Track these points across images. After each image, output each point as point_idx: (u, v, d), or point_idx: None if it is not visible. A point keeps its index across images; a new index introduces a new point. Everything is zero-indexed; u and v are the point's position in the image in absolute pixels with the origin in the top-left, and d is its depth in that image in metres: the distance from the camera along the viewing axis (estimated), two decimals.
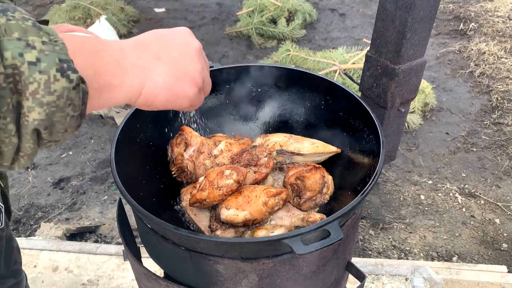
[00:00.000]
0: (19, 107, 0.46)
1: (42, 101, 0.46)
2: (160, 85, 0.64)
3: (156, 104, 0.66)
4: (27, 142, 0.48)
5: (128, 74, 0.60)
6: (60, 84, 0.47)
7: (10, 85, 0.44)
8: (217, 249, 0.89)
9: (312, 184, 1.08)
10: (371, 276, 2.04)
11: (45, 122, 0.48)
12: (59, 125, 0.50)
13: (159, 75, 0.64)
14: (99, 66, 0.55)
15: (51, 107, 0.47)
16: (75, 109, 0.50)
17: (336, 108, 1.24)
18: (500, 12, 4.63)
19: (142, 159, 1.15)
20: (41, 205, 2.70)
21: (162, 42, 0.67)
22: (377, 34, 1.33)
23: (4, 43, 0.43)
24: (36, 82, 0.45)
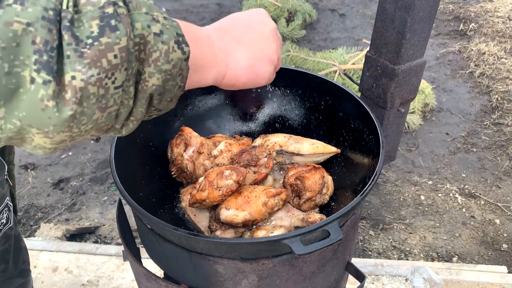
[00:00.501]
0: (138, 75, 0.52)
1: (161, 68, 0.53)
2: (242, 66, 0.71)
3: (238, 83, 0.73)
4: (140, 107, 0.54)
5: (217, 58, 0.67)
6: (176, 55, 0.54)
7: (136, 52, 0.50)
8: (217, 249, 0.89)
9: (311, 185, 1.08)
10: (371, 277, 2.04)
11: (160, 88, 0.54)
12: (168, 93, 0.56)
13: (241, 57, 0.71)
14: (195, 50, 0.61)
15: (167, 75, 0.54)
16: (182, 80, 0.57)
17: (336, 109, 1.24)
18: (500, 12, 4.63)
19: (141, 159, 1.15)
20: (41, 205, 2.70)
21: (241, 26, 0.74)
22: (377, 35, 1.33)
23: (135, 15, 0.50)
24: (158, 51, 0.52)
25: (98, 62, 0.46)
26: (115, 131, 0.56)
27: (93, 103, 0.48)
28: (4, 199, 1.08)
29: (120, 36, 0.47)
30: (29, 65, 0.43)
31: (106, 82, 0.47)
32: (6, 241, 1.13)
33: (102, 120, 0.51)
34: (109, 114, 0.51)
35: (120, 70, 0.48)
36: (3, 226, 1.09)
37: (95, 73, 0.46)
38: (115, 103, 0.50)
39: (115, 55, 0.47)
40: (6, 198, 1.09)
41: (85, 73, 0.45)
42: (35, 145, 0.50)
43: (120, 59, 0.48)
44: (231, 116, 1.35)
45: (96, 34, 0.46)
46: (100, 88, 0.47)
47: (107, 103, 0.49)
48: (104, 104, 0.49)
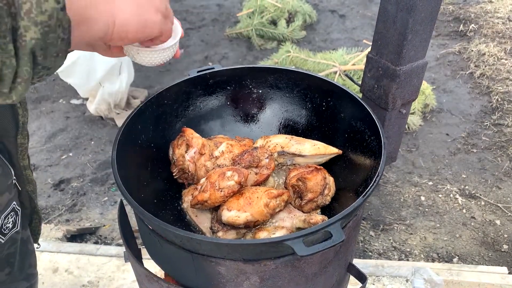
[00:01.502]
0: (14, 31, 0.50)
1: (36, 20, 0.50)
2: (129, 14, 0.68)
3: (130, 35, 0.70)
4: (25, 65, 0.52)
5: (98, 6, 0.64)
6: (50, 5, 0.51)
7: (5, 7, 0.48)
8: (219, 250, 0.89)
9: (313, 186, 1.08)
10: (372, 278, 2.04)
11: (40, 42, 0.52)
12: (52, 47, 0.54)
13: (126, 5, 0.68)
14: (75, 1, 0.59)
15: (45, 27, 0.51)
16: (64, 32, 0.54)
17: (337, 110, 1.24)
18: (500, 13, 4.63)
19: (143, 160, 1.15)
20: (42, 206, 2.70)
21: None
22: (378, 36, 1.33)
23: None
24: (29, 2, 0.49)
25: None
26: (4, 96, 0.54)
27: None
28: (11, 204, 1.07)
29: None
30: None
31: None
32: (12, 244, 1.12)
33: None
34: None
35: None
36: (9, 230, 1.09)
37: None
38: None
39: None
40: (13, 202, 1.08)
41: None
42: None
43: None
44: (233, 117, 1.35)
45: None
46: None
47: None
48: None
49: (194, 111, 1.30)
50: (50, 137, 3.27)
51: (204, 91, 1.30)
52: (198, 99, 1.30)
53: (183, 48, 4.32)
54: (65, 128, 3.35)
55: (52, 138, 3.27)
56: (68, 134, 3.29)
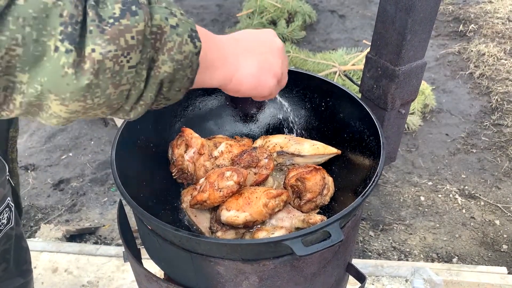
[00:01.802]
0: (152, 62, 0.57)
1: (174, 57, 0.58)
2: (249, 72, 0.77)
3: (243, 89, 0.78)
4: (150, 92, 0.59)
5: (227, 60, 0.73)
6: (189, 48, 0.59)
7: (152, 40, 0.55)
8: (218, 250, 0.89)
9: (312, 186, 1.08)
10: (371, 278, 2.04)
11: (170, 76, 0.59)
12: (178, 82, 0.61)
13: (249, 64, 0.77)
14: (208, 50, 0.67)
15: (178, 64, 0.58)
16: (192, 72, 0.62)
17: (336, 110, 1.24)
18: (500, 13, 4.64)
19: (142, 160, 1.15)
20: (41, 206, 2.70)
21: (252, 39, 0.81)
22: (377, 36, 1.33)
23: (155, 8, 0.56)
24: (173, 41, 0.57)
25: (116, 40, 0.51)
26: (124, 113, 0.60)
27: (108, 77, 0.52)
28: (5, 200, 1.08)
29: (139, 20, 0.52)
30: (54, 35, 0.48)
31: (121, 59, 0.52)
32: (7, 241, 1.13)
33: (114, 97, 0.55)
34: (121, 92, 0.55)
35: (136, 52, 0.53)
36: (3, 226, 1.10)
37: (112, 49, 0.51)
38: (128, 82, 0.55)
39: (132, 36, 0.52)
40: (7, 198, 1.09)
41: (104, 48, 0.50)
42: (51, 113, 0.54)
43: (137, 41, 0.53)
44: (232, 117, 1.35)
45: (117, 15, 0.51)
46: (116, 64, 0.52)
47: (121, 80, 0.54)
48: (118, 80, 0.53)
49: (193, 111, 1.30)
50: (50, 137, 3.27)
51: (203, 91, 1.30)
52: (198, 99, 1.30)
53: None
54: (65, 128, 3.35)
55: (52, 138, 3.27)
56: (68, 134, 3.30)
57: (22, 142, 3.21)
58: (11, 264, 1.18)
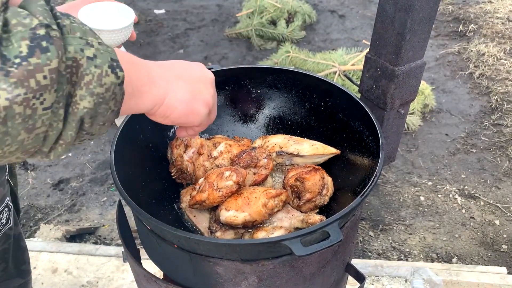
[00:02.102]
0: (69, 98, 0.52)
1: (93, 91, 0.53)
2: (180, 98, 0.73)
3: (173, 116, 0.73)
4: (70, 130, 0.54)
5: (155, 84, 0.68)
6: (110, 79, 0.54)
7: (67, 75, 0.50)
8: (217, 250, 0.89)
9: (311, 186, 1.08)
10: (371, 278, 2.04)
11: (91, 111, 0.54)
12: (101, 117, 0.56)
13: (180, 90, 0.73)
14: (133, 74, 0.63)
15: (99, 98, 0.54)
16: (116, 104, 0.57)
17: (335, 110, 1.24)
18: (500, 13, 4.64)
19: (141, 160, 1.15)
20: (41, 206, 2.70)
21: (183, 67, 0.78)
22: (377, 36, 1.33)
23: (68, 39, 0.51)
24: (91, 74, 0.52)
25: (25, 82, 0.46)
26: (42, 155, 0.55)
27: (18, 123, 0.47)
28: (5, 199, 1.08)
29: (51, 57, 0.47)
30: None
31: (33, 102, 0.47)
32: (5, 240, 1.14)
33: (29, 142, 0.50)
34: (36, 136, 0.50)
35: (50, 91, 0.48)
36: (3, 226, 1.10)
37: (21, 93, 0.46)
38: (43, 125, 0.50)
39: (44, 76, 0.47)
40: (6, 198, 1.09)
41: (10, 92, 0.45)
42: None
43: (50, 80, 0.47)
44: (231, 117, 1.35)
45: (25, 54, 0.46)
46: (27, 108, 0.47)
47: (35, 124, 0.49)
48: (31, 125, 0.48)
49: None
50: None
51: None
52: None
53: (183, 48, 4.32)
54: None
55: None
56: None
57: None
58: (10, 264, 1.19)
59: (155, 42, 4.42)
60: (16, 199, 1.21)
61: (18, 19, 0.47)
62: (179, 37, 4.50)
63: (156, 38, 4.48)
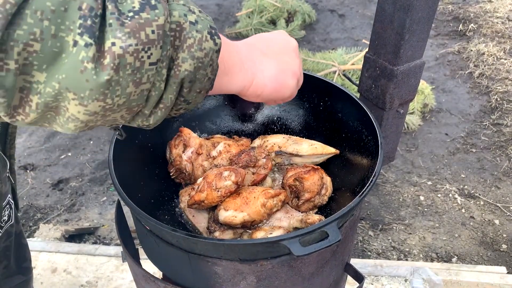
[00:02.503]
0: (171, 61, 0.55)
1: (194, 54, 0.56)
2: (268, 75, 0.75)
3: (264, 93, 0.76)
4: (171, 93, 0.57)
5: (244, 66, 0.71)
6: (209, 44, 0.57)
7: (171, 38, 0.54)
8: (215, 250, 0.89)
9: (310, 186, 1.08)
10: (371, 277, 2.04)
11: (191, 74, 0.57)
12: (198, 83, 0.59)
13: (267, 68, 0.75)
14: (225, 54, 0.65)
15: (199, 62, 0.57)
16: (212, 72, 0.60)
17: (334, 109, 1.23)
18: (499, 13, 4.63)
19: (140, 160, 1.15)
20: (40, 206, 2.70)
21: (266, 41, 0.79)
22: (376, 36, 1.33)
23: (173, 5, 0.55)
24: (193, 38, 0.55)
25: (137, 34, 0.49)
26: (143, 117, 0.58)
27: (128, 74, 0.50)
28: (6, 197, 1.09)
29: (159, 14, 0.51)
30: (73, 30, 0.46)
31: (142, 55, 0.50)
32: (7, 238, 1.14)
33: (134, 98, 0.53)
34: (141, 92, 0.53)
35: (156, 47, 0.51)
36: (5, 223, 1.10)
37: (133, 43, 0.49)
38: (148, 81, 0.53)
39: (152, 30, 0.50)
40: (8, 195, 1.10)
41: (124, 41, 0.49)
42: (68, 117, 0.51)
43: (157, 35, 0.51)
44: (230, 116, 1.35)
45: (137, 8, 0.50)
46: (137, 60, 0.50)
47: (141, 78, 0.52)
48: (138, 78, 0.52)
49: (191, 110, 1.30)
50: (49, 137, 3.27)
51: None
52: None
53: None
54: None
55: (51, 137, 3.27)
56: (67, 134, 3.29)
57: (21, 141, 3.20)
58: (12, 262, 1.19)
59: None
60: (15, 196, 1.21)
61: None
62: None
63: None
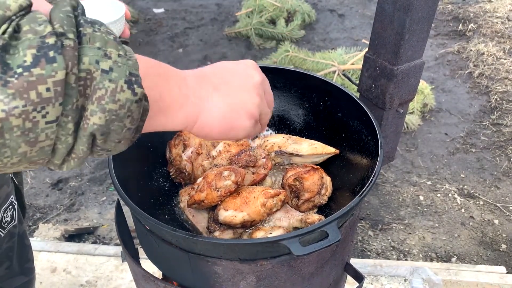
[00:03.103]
0: (82, 111, 0.49)
1: (105, 107, 0.49)
2: (216, 116, 0.67)
3: (211, 134, 0.68)
4: (81, 145, 0.51)
5: (188, 102, 0.63)
6: (125, 95, 0.50)
7: (80, 87, 0.48)
8: (215, 250, 0.89)
9: (310, 185, 1.08)
10: (370, 277, 2.04)
11: (102, 128, 0.50)
12: (115, 134, 0.52)
13: (215, 106, 0.67)
14: (164, 90, 0.59)
15: (112, 115, 0.50)
16: (132, 122, 0.53)
17: (334, 109, 1.23)
18: (499, 13, 4.64)
19: (140, 160, 1.15)
20: (40, 206, 2.70)
21: (224, 74, 0.70)
22: (376, 35, 1.33)
23: (85, 49, 0.48)
24: (104, 89, 0.49)
25: (24, 94, 0.43)
26: (54, 166, 0.53)
27: (17, 136, 0.45)
28: (9, 198, 1.09)
29: (57, 68, 0.44)
30: None
31: (34, 115, 0.45)
32: (10, 239, 1.14)
33: (33, 154, 0.48)
34: (41, 149, 0.48)
35: (54, 105, 0.45)
36: (7, 224, 1.10)
37: (19, 105, 0.43)
38: (48, 138, 0.47)
39: (47, 88, 0.44)
40: (11, 196, 1.10)
41: (7, 104, 0.43)
42: None
43: (54, 92, 0.45)
44: None
45: (28, 63, 0.43)
46: (27, 121, 0.44)
47: (37, 137, 0.46)
48: (33, 138, 0.46)
49: None
50: None
51: None
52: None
53: (182, 47, 4.32)
54: None
55: None
56: None
57: None
58: (14, 262, 1.19)
59: (154, 41, 4.41)
60: (21, 197, 1.21)
61: (31, 26, 0.45)
62: (178, 36, 4.49)
63: (155, 37, 4.48)
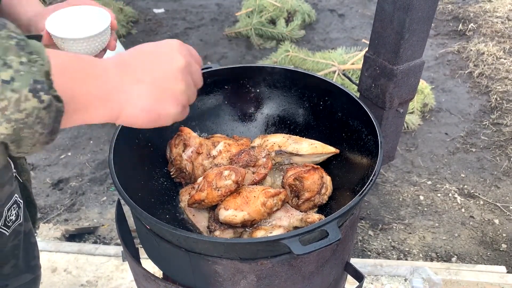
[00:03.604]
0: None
1: (10, 117, 0.48)
2: (140, 107, 0.65)
3: (138, 124, 0.67)
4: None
5: (109, 97, 0.62)
6: (31, 104, 0.49)
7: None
8: (216, 249, 0.89)
9: (310, 185, 1.08)
10: (370, 277, 2.04)
11: (11, 136, 0.50)
12: (27, 140, 0.51)
13: (138, 98, 0.65)
14: (81, 89, 0.57)
15: (19, 124, 0.49)
16: (44, 127, 0.52)
17: (334, 109, 1.24)
18: (499, 12, 4.63)
19: (140, 159, 1.15)
20: (40, 206, 2.70)
21: (147, 62, 0.67)
22: (376, 35, 1.33)
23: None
24: (6, 100, 0.47)
25: None
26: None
27: None
28: (13, 196, 1.09)
29: None
30: None
31: None
32: (16, 237, 1.14)
33: None
34: None
35: None
36: (12, 223, 1.10)
37: None
38: None
39: None
40: (15, 195, 1.10)
41: None
42: None
43: None
44: (230, 116, 1.35)
45: None
46: None
47: None
48: None
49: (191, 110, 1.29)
50: None
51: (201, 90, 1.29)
52: (196, 98, 1.29)
53: None
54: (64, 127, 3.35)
55: None
56: (66, 133, 3.29)
57: None
58: (20, 260, 1.19)
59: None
60: (29, 195, 1.21)
61: None
62: (178, 37, 4.49)
63: (156, 37, 4.48)
